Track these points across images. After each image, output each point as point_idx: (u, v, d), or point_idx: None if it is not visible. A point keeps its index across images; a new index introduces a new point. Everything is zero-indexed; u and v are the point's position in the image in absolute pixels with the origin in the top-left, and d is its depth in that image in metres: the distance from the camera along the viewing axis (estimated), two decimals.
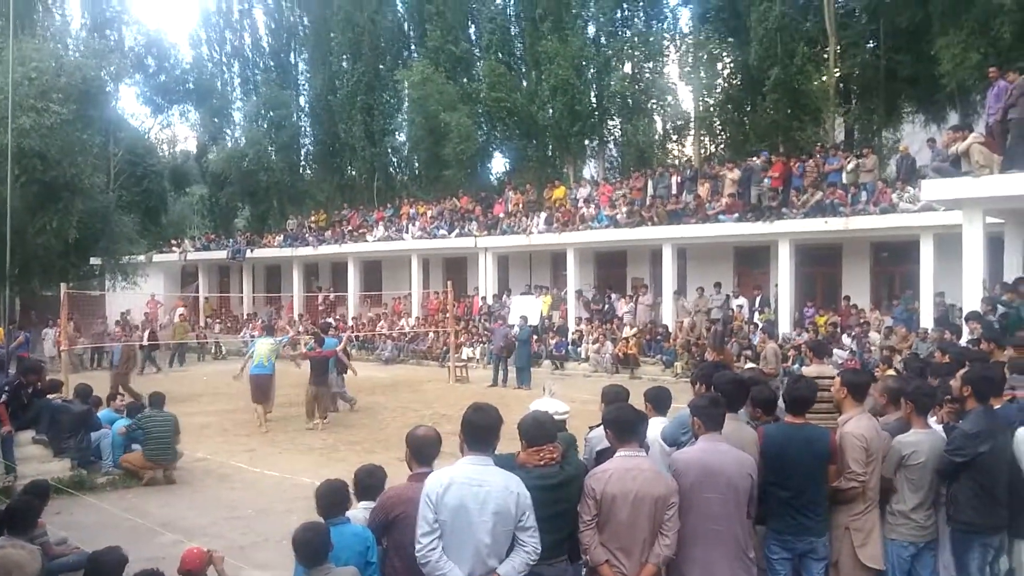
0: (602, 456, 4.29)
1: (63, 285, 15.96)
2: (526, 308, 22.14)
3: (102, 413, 10.52)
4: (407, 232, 27.39)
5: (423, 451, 4.01)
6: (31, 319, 25.12)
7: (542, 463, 3.77)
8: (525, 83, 30.36)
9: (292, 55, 39.80)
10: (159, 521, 8.10)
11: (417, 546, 3.36)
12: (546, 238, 23.55)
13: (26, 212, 21.27)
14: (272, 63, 39.54)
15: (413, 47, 34.80)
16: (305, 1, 37.64)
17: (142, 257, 28.21)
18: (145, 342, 21.95)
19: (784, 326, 19.32)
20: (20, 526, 5.14)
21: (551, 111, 27.92)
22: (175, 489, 9.62)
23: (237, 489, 9.63)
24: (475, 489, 3.39)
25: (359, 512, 4.24)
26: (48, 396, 10.09)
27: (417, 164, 33.57)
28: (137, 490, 9.49)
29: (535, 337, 20.96)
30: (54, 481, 8.24)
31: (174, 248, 33.25)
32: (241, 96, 40.53)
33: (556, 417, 4.44)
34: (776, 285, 20.36)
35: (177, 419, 10.13)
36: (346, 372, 15.38)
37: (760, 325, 18.17)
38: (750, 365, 12.37)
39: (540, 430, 3.88)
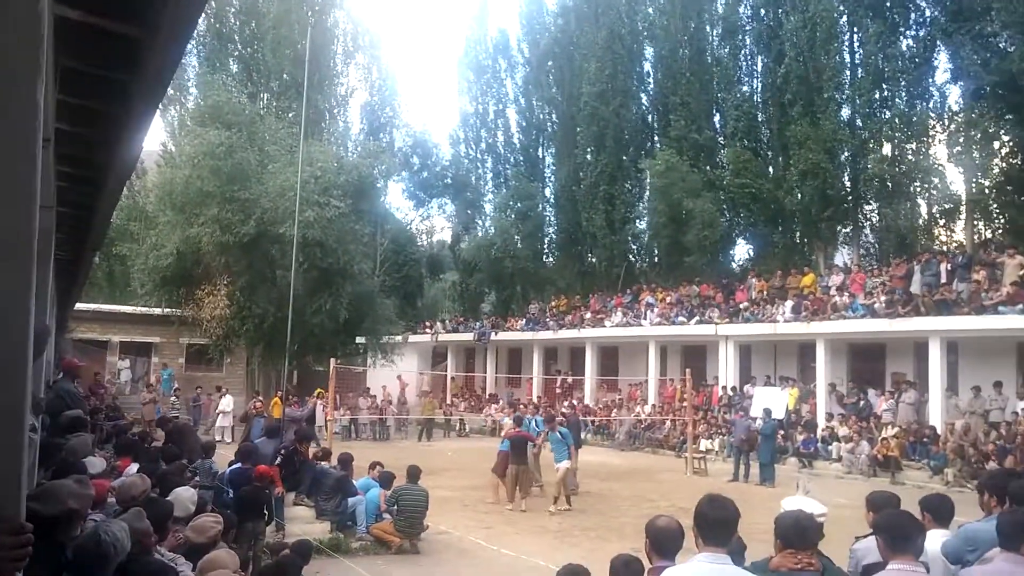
0: (870, 571, 3.82)
1: (332, 361, 17.53)
2: (770, 400, 20.87)
3: (359, 481, 11.30)
4: (645, 318, 27.27)
5: (664, 543, 3.80)
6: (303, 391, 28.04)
7: (798, 566, 3.43)
8: (771, 168, 29.63)
9: (540, 150, 42.30)
10: None
11: None
12: (794, 327, 22.23)
13: (306, 295, 23.97)
14: (521, 158, 42.24)
15: (656, 137, 35.49)
16: (554, 100, 40.09)
17: (399, 337, 30.52)
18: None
19: None
20: None
21: (800, 196, 26.85)
22: (420, 559, 10.01)
23: (475, 565, 9.81)
24: None
25: None
26: (317, 462, 11.07)
27: (657, 251, 33.67)
28: (386, 557, 9.99)
29: (780, 432, 19.65)
30: (315, 542, 8.92)
31: (427, 330, 35.71)
32: (492, 189, 43.54)
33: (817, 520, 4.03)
34: None
35: (428, 494, 10.63)
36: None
37: None
38: None
39: (800, 534, 3.53)
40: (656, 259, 34.22)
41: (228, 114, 25.27)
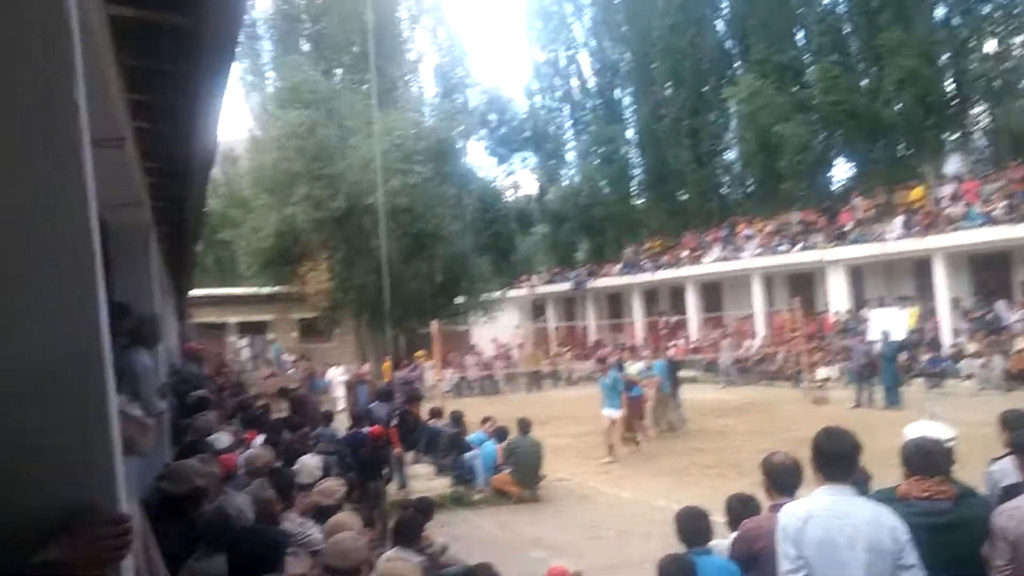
0: (1011, 492, 3.61)
1: (434, 323, 17.84)
2: (888, 322, 19.98)
3: (472, 436, 11.56)
4: (745, 251, 26.50)
5: (782, 480, 3.70)
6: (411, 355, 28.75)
7: (926, 494, 3.27)
8: (865, 81, 27.96)
9: (617, 91, 41.24)
10: (528, 538, 8.62)
11: None
12: (906, 244, 21.14)
13: (400, 262, 24.39)
14: (599, 101, 41.33)
15: (737, 63, 34.01)
16: (625, 38, 38.86)
17: (497, 294, 30.76)
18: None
19: None
20: (407, 538, 5.75)
21: (899, 106, 25.26)
22: (540, 508, 10.17)
23: (596, 510, 9.88)
24: (840, 522, 2.90)
25: (723, 542, 4.06)
26: (430, 421, 11.38)
27: (750, 181, 32.51)
28: (508, 508, 10.20)
29: (903, 352, 18.80)
30: (437, 497, 9.20)
31: (524, 284, 35.85)
32: (573, 137, 42.90)
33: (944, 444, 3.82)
34: None
35: (542, 444, 10.78)
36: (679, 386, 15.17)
37: None
38: None
39: (925, 460, 3.34)
40: (749, 189, 33.07)
41: (306, 93, 25.71)
